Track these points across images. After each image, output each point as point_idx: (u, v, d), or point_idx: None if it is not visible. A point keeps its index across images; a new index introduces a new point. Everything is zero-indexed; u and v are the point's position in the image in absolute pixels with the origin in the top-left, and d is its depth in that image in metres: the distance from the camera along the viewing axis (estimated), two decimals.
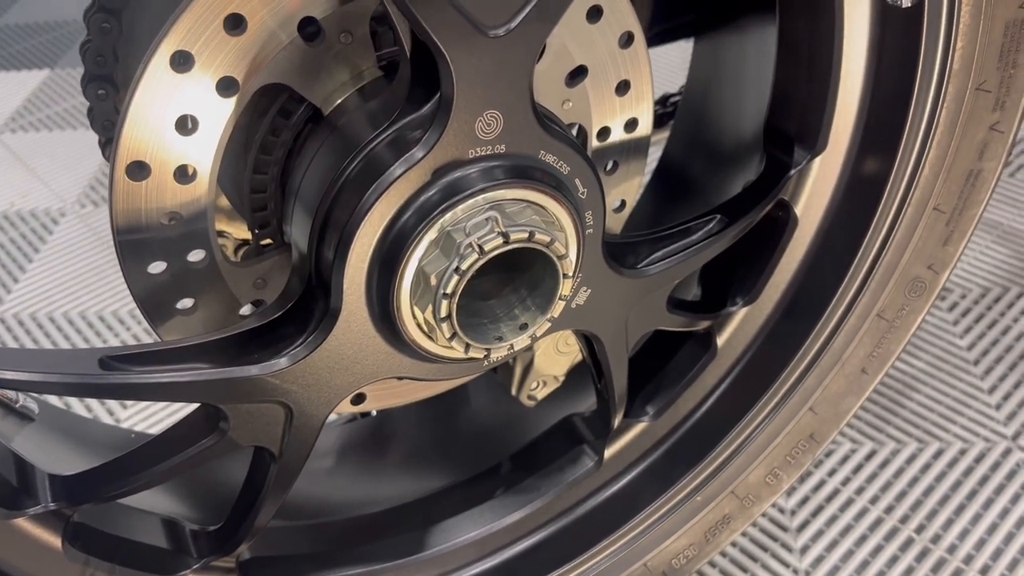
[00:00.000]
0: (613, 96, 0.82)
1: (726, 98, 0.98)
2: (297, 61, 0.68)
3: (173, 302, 0.73)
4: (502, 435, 1.02)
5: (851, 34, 0.80)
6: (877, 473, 1.36)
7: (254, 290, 0.77)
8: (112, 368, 0.63)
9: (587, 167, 0.70)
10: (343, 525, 0.92)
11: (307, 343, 0.67)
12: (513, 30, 0.60)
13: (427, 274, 0.65)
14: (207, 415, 0.70)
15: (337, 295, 0.66)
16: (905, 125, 0.82)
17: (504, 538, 0.96)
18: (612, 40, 0.79)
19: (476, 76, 0.61)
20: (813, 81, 0.84)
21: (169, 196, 0.69)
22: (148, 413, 1.54)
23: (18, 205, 2.07)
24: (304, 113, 0.72)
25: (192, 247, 0.72)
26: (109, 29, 0.83)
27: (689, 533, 1.01)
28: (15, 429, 0.80)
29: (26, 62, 2.66)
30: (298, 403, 0.69)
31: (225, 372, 0.65)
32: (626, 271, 0.79)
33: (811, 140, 0.86)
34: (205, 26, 0.64)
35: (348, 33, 0.69)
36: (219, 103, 0.67)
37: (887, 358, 0.96)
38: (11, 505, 0.67)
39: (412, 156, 0.63)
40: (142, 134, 0.66)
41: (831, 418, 1.00)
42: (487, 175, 0.65)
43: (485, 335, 0.70)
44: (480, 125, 0.64)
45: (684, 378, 0.97)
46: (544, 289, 0.70)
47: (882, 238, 0.89)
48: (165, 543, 0.79)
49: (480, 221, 0.64)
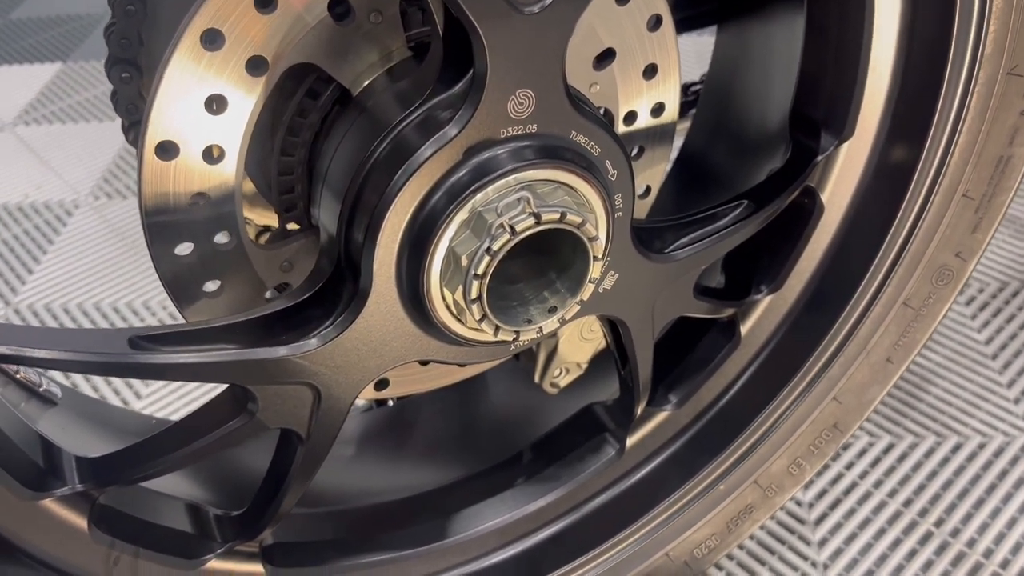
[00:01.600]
0: (640, 80, 0.82)
1: (751, 85, 0.98)
2: (326, 41, 0.68)
3: (200, 284, 0.73)
4: (524, 424, 1.01)
5: (881, 18, 0.79)
6: (895, 467, 1.35)
7: (280, 273, 0.77)
8: (141, 348, 0.63)
9: (618, 149, 0.70)
10: (365, 512, 0.92)
11: (336, 324, 0.67)
12: (548, 7, 0.60)
13: (458, 255, 0.64)
14: (235, 397, 0.69)
15: (367, 276, 0.66)
16: (935, 111, 0.81)
17: (526, 526, 0.95)
18: (640, 23, 0.78)
19: (509, 54, 0.61)
20: (841, 66, 0.83)
21: (197, 177, 0.68)
22: (165, 402, 1.54)
23: (32, 197, 2.07)
24: (332, 94, 0.71)
25: (219, 229, 0.71)
26: (134, 12, 0.82)
27: (711, 523, 1.01)
28: (39, 412, 0.80)
29: (39, 55, 2.67)
30: (326, 385, 0.69)
31: (254, 352, 0.65)
32: (654, 255, 0.78)
33: (838, 126, 0.85)
34: (236, 4, 0.63)
35: (378, 13, 0.68)
36: (248, 83, 0.66)
37: (913, 347, 0.96)
38: (38, 486, 0.67)
39: (445, 135, 0.63)
40: (171, 113, 0.65)
41: (855, 408, 0.99)
42: (519, 155, 0.65)
43: (514, 318, 0.69)
44: (512, 104, 0.63)
45: (707, 367, 0.97)
46: (574, 271, 0.70)
47: (910, 225, 0.88)
48: (189, 527, 0.79)
49: (512, 201, 0.64)
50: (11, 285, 1.81)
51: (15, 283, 1.82)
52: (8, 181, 2.12)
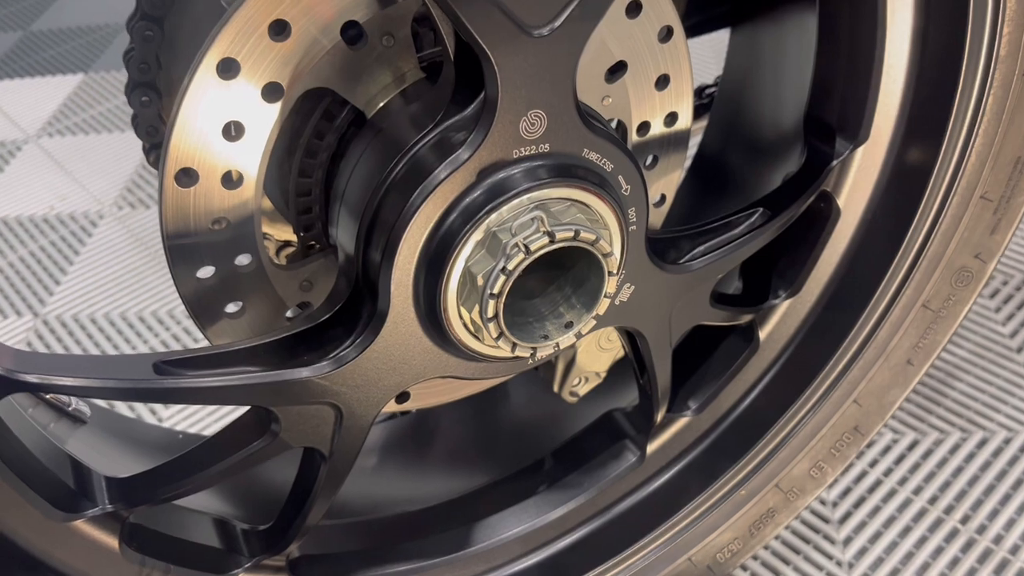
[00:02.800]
0: (653, 91, 0.82)
1: (765, 89, 0.97)
2: (340, 65, 0.69)
3: (222, 305, 0.74)
4: (545, 431, 1.02)
5: (894, 21, 0.79)
6: (920, 463, 1.35)
7: (300, 292, 0.78)
8: (166, 373, 0.64)
9: (630, 164, 0.70)
10: (389, 522, 0.93)
11: (355, 344, 0.68)
12: (556, 29, 0.60)
13: (474, 275, 0.65)
14: (258, 417, 0.71)
15: (385, 296, 0.67)
16: (951, 113, 0.81)
17: (549, 533, 0.96)
18: (651, 35, 0.79)
19: (520, 76, 0.61)
20: (855, 70, 0.83)
21: (217, 201, 0.70)
22: (188, 412, 1.56)
23: (57, 208, 2.10)
24: (348, 116, 0.72)
25: (240, 251, 0.73)
26: (152, 37, 0.84)
27: (733, 527, 1.01)
28: (69, 432, 0.82)
29: (61, 67, 2.70)
30: (347, 404, 0.70)
31: (276, 375, 0.66)
32: (669, 266, 0.79)
33: (853, 130, 0.85)
34: (250, 33, 0.64)
35: (390, 36, 0.69)
36: (264, 109, 0.67)
37: (933, 349, 0.95)
38: (69, 507, 0.68)
39: (457, 158, 0.63)
40: (190, 141, 0.66)
41: (876, 410, 0.99)
42: (531, 175, 0.65)
43: (531, 334, 0.70)
44: (524, 125, 0.64)
45: (726, 372, 0.97)
46: (589, 287, 0.70)
47: (927, 228, 0.88)
48: (218, 542, 0.80)
49: (525, 221, 0.65)
50: (39, 297, 1.84)
51: (43, 295, 1.85)
52: (33, 193, 2.16)
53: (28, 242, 2.00)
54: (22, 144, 2.35)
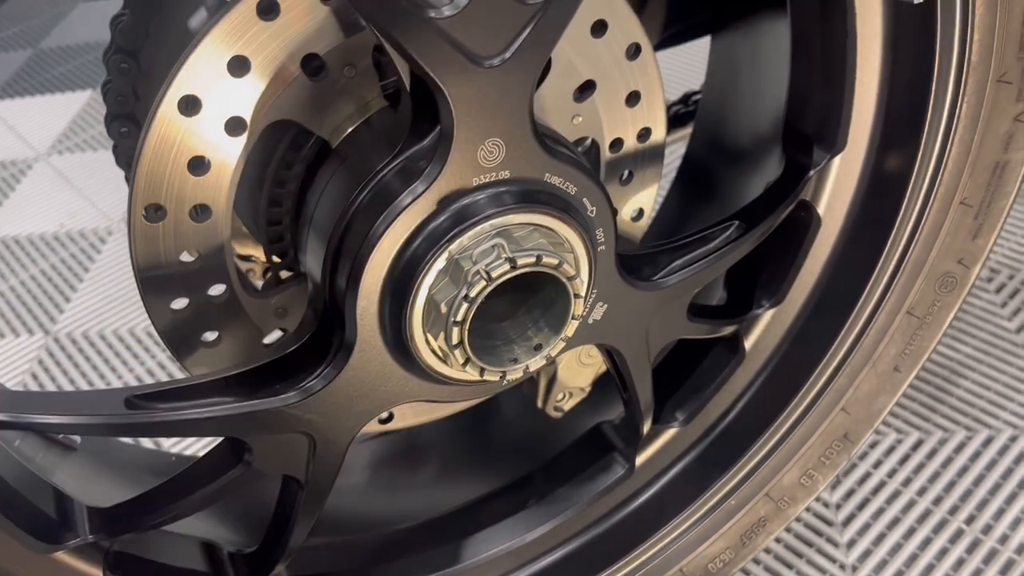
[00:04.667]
0: (624, 107, 0.82)
1: (743, 98, 0.97)
2: (303, 97, 0.69)
3: (197, 335, 0.75)
4: (533, 446, 1.02)
5: (864, 31, 0.78)
6: (924, 463, 1.33)
7: (276, 319, 0.79)
8: (137, 407, 0.65)
9: (594, 186, 0.70)
10: (378, 541, 0.94)
11: (325, 374, 0.69)
12: (508, 60, 0.61)
13: (437, 302, 0.66)
14: (232, 447, 0.71)
15: (351, 325, 0.67)
16: (925, 120, 0.80)
17: (539, 547, 0.97)
18: (619, 52, 0.79)
19: (474, 107, 0.62)
20: (829, 80, 0.82)
21: (186, 235, 0.71)
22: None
23: (67, 226, 2.13)
24: (314, 146, 0.73)
25: (212, 282, 0.74)
26: (128, 69, 0.85)
27: (725, 537, 1.01)
28: (57, 461, 0.83)
29: (69, 84, 2.74)
30: (320, 432, 0.70)
31: (246, 406, 0.67)
32: (642, 284, 0.79)
33: (830, 139, 0.85)
34: (210, 70, 0.65)
35: (351, 66, 0.70)
36: (229, 143, 0.68)
37: (920, 355, 0.95)
38: (51, 539, 0.69)
39: (415, 188, 0.64)
40: (156, 178, 0.67)
41: (864, 418, 0.98)
42: (493, 201, 0.66)
43: (500, 357, 0.70)
44: (482, 153, 0.64)
45: (713, 383, 0.97)
46: (557, 310, 0.70)
47: (908, 235, 0.87)
48: (204, 566, 0.81)
49: (487, 248, 0.65)
50: (50, 314, 1.87)
51: (53, 312, 1.88)
52: (43, 211, 2.19)
53: (39, 260, 2.03)
54: (32, 163, 2.39)
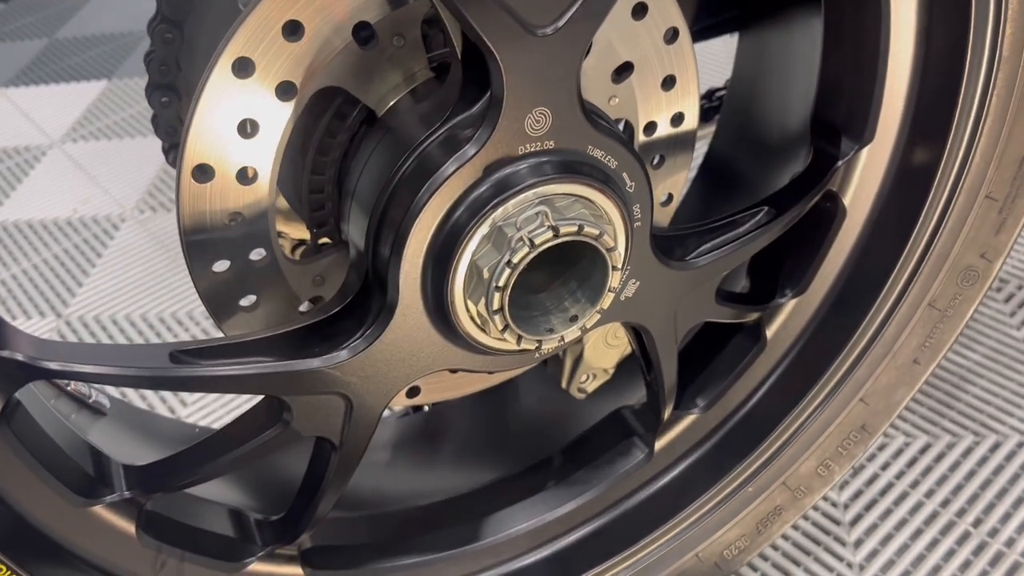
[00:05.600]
0: (659, 91, 0.83)
1: (772, 91, 0.99)
2: (351, 65, 0.71)
3: (236, 299, 0.76)
4: (554, 428, 1.03)
5: (898, 23, 0.80)
6: (932, 466, 1.35)
7: (313, 287, 0.80)
8: (182, 362, 0.66)
9: (634, 161, 0.71)
10: (400, 516, 0.94)
11: (366, 336, 0.70)
12: (561, 29, 0.62)
13: (480, 268, 0.67)
14: (271, 407, 0.72)
15: (393, 290, 0.69)
16: (955, 113, 0.82)
17: (557, 528, 0.97)
18: (658, 36, 0.80)
19: (525, 74, 0.63)
20: (860, 72, 0.84)
21: (232, 197, 0.72)
22: (209, 411, 1.59)
23: (80, 212, 2.14)
24: (359, 115, 0.74)
25: (254, 246, 0.75)
26: (172, 39, 0.86)
27: (741, 524, 1.02)
28: (89, 423, 0.84)
29: (85, 73, 2.75)
30: (358, 394, 0.71)
31: (289, 365, 0.68)
32: (674, 263, 0.80)
33: (858, 131, 0.86)
34: (264, 33, 0.66)
35: (400, 36, 0.71)
36: (278, 107, 0.69)
37: (940, 348, 0.96)
38: (89, 493, 0.70)
39: (464, 153, 0.65)
40: (206, 139, 0.69)
41: (883, 409, 0.99)
42: (537, 171, 0.67)
43: (536, 327, 0.71)
44: (529, 122, 0.66)
45: (734, 370, 0.98)
46: (594, 281, 0.71)
47: (932, 227, 0.88)
48: (231, 532, 0.82)
49: (530, 215, 0.66)
50: (62, 298, 1.88)
51: (66, 296, 1.88)
52: (57, 196, 2.20)
53: (52, 245, 2.04)
54: (47, 149, 2.40)
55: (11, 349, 0.61)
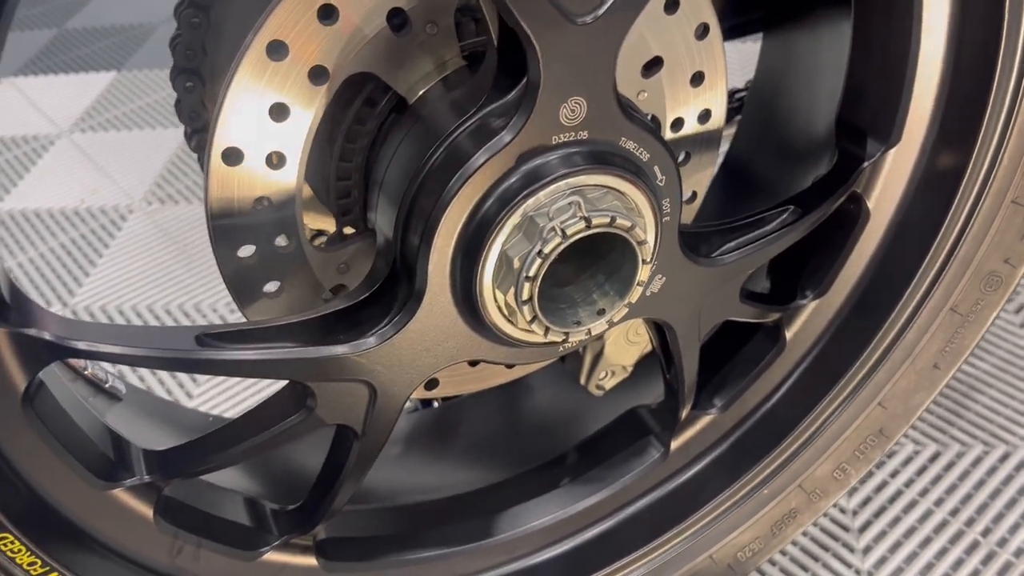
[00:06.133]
0: (688, 87, 0.83)
1: (797, 91, 0.98)
2: (384, 51, 0.70)
3: (260, 285, 0.76)
4: (569, 426, 1.03)
5: (929, 25, 0.80)
6: (942, 475, 1.34)
7: (337, 275, 0.79)
8: (208, 345, 0.65)
9: (666, 155, 0.71)
10: (414, 509, 0.94)
11: (392, 324, 0.69)
12: (600, 17, 0.62)
13: (510, 258, 0.66)
14: (294, 393, 0.72)
15: (422, 278, 0.68)
16: (983, 117, 0.81)
17: (571, 526, 0.97)
18: (688, 32, 0.80)
19: (563, 63, 0.63)
20: (888, 74, 0.83)
21: (260, 182, 0.71)
22: (215, 401, 1.58)
23: (88, 202, 2.13)
24: (389, 102, 0.74)
25: (279, 232, 0.74)
26: (198, 24, 0.86)
27: (755, 526, 1.01)
28: (105, 407, 0.83)
29: (94, 64, 2.75)
30: (381, 382, 0.71)
31: (316, 351, 0.67)
32: (701, 260, 0.80)
33: (885, 133, 0.86)
34: (299, 16, 0.66)
35: (433, 23, 0.71)
36: (310, 92, 0.69)
37: (960, 353, 0.96)
38: (109, 477, 0.70)
39: (499, 140, 0.65)
40: (237, 122, 0.68)
41: (901, 413, 0.99)
42: (570, 161, 0.67)
43: (564, 319, 0.71)
44: (564, 111, 0.65)
45: (752, 371, 0.97)
46: (623, 274, 0.71)
47: (957, 232, 0.88)
48: (248, 520, 0.82)
49: (563, 206, 0.66)
50: (68, 287, 1.87)
51: (72, 285, 1.88)
52: (65, 186, 2.19)
53: (59, 234, 2.03)
54: (55, 139, 2.39)
55: (38, 327, 0.61)
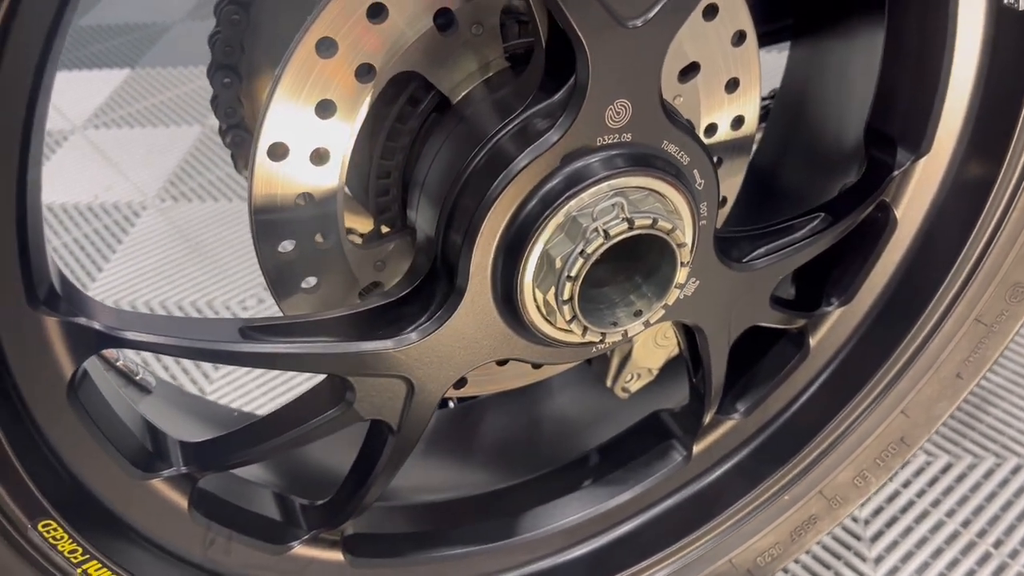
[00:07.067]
0: (723, 93, 0.84)
1: (826, 100, 0.99)
2: (429, 50, 0.71)
3: (298, 280, 0.76)
4: (592, 428, 1.03)
5: (963, 35, 0.80)
6: (953, 486, 1.35)
7: (374, 272, 0.80)
8: (251, 338, 0.66)
9: (705, 159, 0.72)
10: (439, 508, 0.94)
11: (433, 320, 0.70)
12: (649, 21, 0.62)
13: (552, 257, 0.67)
14: (332, 387, 0.72)
15: (463, 276, 0.69)
16: (1015, 129, 0.82)
17: (593, 527, 0.97)
18: (725, 38, 0.81)
19: (610, 65, 0.63)
20: (921, 83, 0.84)
21: (304, 178, 0.72)
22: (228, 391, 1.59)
23: (102, 198, 2.14)
24: (432, 101, 0.74)
25: (320, 228, 0.75)
26: (238, 21, 0.86)
27: (775, 532, 1.02)
28: (136, 399, 0.84)
29: (108, 61, 2.76)
30: (419, 378, 0.71)
31: (358, 345, 0.68)
32: (734, 264, 0.80)
33: (915, 142, 0.87)
34: (350, 14, 0.67)
35: (479, 24, 0.72)
36: (357, 88, 0.70)
37: (983, 363, 0.96)
38: (147, 467, 0.70)
39: (545, 140, 0.65)
40: (285, 117, 0.69)
41: (923, 422, 1.00)
42: (613, 162, 0.67)
43: (602, 319, 0.71)
44: (610, 113, 0.66)
45: (775, 377, 0.98)
46: (660, 276, 0.72)
47: (984, 242, 0.89)
48: (278, 515, 0.82)
49: (606, 207, 0.66)
50: (82, 282, 1.87)
51: (86, 280, 1.88)
52: (79, 182, 2.20)
53: (72, 229, 2.04)
54: (69, 134, 2.40)
55: (88, 317, 0.61)
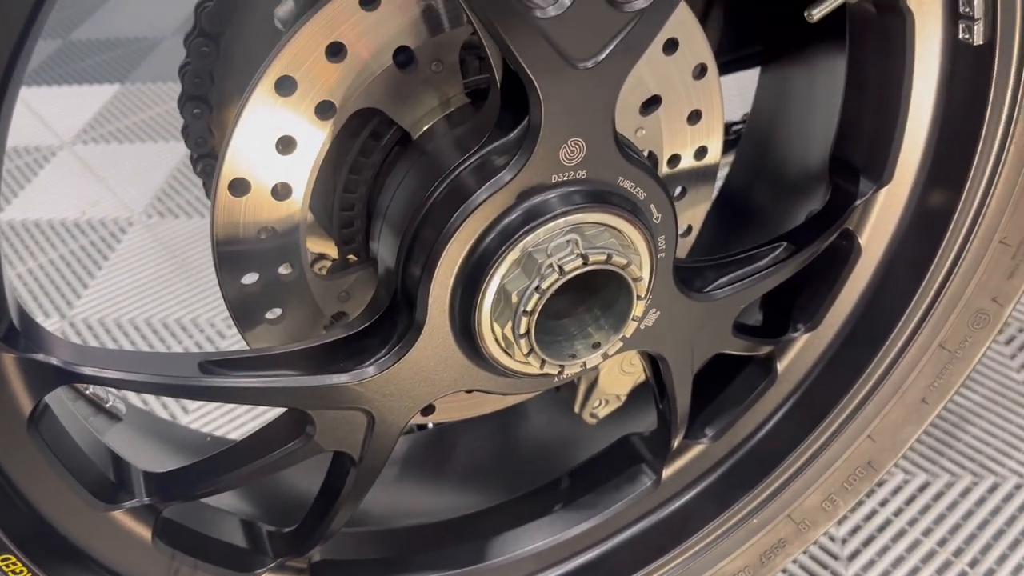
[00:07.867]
0: (685, 125, 0.85)
1: (792, 128, 1.00)
2: (390, 87, 0.72)
3: (262, 311, 0.77)
4: (562, 452, 1.04)
5: (921, 69, 0.82)
6: (930, 505, 1.36)
7: (338, 303, 0.81)
8: (211, 372, 0.67)
9: (662, 193, 0.73)
10: (408, 533, 0.95)
11: (392, 353, 0.71)
12: (600, 63, 0.63)
13: (508, 292, 0.68)
14: (294, 420, 0.73)
15: (422, 309, 0.70)
16: (973, 159, 0.83)
17: (563, 552, 0.98)
18: (686, 71, 0.82)
19: (563, 105, 0.64)
20: (881, 114, 0.85)
21: (265, 212, 0.73)
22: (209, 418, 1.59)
23: (89, 214, 2.15)
24: (393, 136, 0.76)
25: (283, 260, 0.76)
26: (208, 52, 0.88)
27: (744, 555, 1.02)
28: (105, 427, 0.84)
29: (97, 76, 2.77)
30: (380, 411, 0.72)
31: (317, 379, 0.69)
32: (695, 295, 0.81)
33: (877, 172, 0.88)
34: (308, 53, 0.68)
35: (439, 61, 0.73)
36: (317, 126, 0.71)
37: (948, 389, 0.97)
38: (109, 499, 0.71)
39: (500, 179, 0.66)
40: (245, 153, 0.70)
41: (889, 447, 1.00)
42: (568, 199, 0.68)
43: (559, 352, 0.72)
44: (564, 152, 0.67)
45: (743, 402, 0.99)
46: (617, 309, 0.73)
47: (946, 270, 0.90)
48: (244, 542, 0.83)
49: (561, 243, 0.67)
50: (67, 299, 1.88)
51: (71, 297, 1.89)
52: (66, 198, 2.21)
53: (59, 245, 2.04)
54: (57, 150, 2.41)
55: (45, 353, 0.62)
